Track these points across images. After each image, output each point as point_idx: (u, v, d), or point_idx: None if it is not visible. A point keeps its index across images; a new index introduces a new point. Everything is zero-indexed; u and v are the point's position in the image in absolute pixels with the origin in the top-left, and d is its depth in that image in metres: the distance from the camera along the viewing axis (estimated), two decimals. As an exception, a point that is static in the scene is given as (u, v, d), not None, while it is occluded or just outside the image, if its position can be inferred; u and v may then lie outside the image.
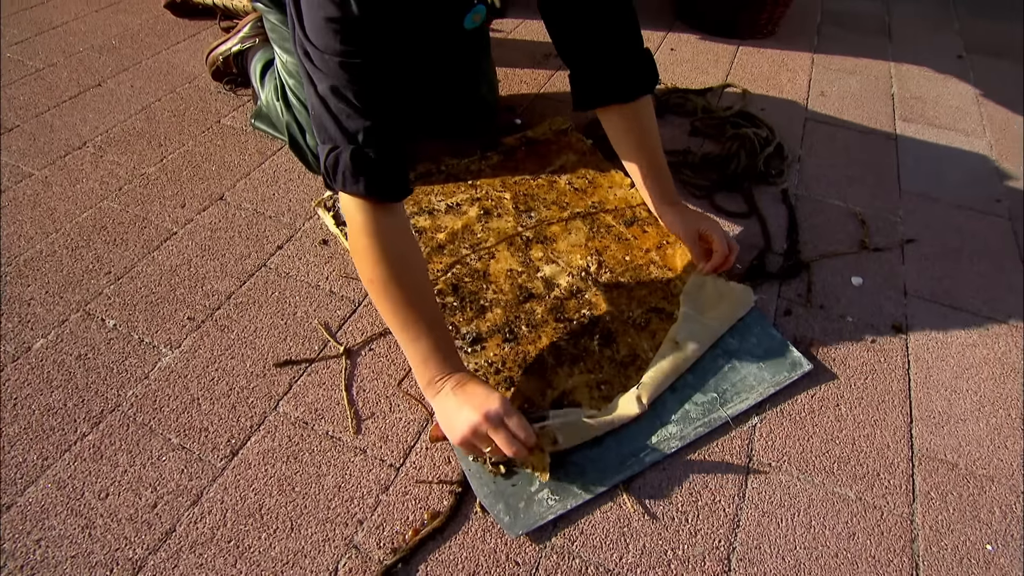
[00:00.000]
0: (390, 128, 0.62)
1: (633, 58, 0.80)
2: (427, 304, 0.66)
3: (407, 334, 0.65)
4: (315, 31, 0.60)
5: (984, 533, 0.62)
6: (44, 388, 0.74)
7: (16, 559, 0.59)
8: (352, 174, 0.61)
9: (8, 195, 1.02)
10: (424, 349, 0.64)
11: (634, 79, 0.80)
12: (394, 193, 0.64)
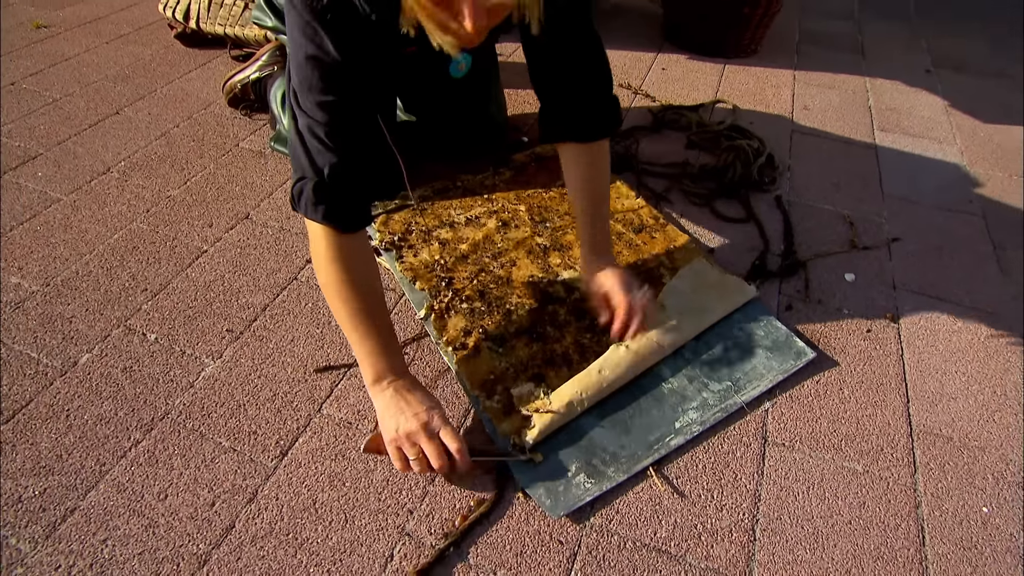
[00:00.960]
0: (356, 165, 0.69)
1: (595, 103, 0.81)
2: (375, 309, 0.73)
3: (356, 333, 0.71)
4: (296, 68, 0.67)
5: (980, 497, 0.69)
6: (94, 399, 0.78)
7: (84, 558, 0.63)
8: (313, 204, 0.68)
9: (39, 219, 1.06)
10: (370, 348, 0.71)
11: (592, 122, 0.81)
12: (350, 224, 0.70)
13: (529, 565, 0.62)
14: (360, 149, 0.69)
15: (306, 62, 0.65)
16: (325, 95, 0.66)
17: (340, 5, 0.63)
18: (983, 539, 0.65)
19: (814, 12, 1.99)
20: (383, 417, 0.69)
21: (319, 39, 0.64)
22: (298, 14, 0.65)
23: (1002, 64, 1.73)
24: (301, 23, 0.65)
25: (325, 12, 0.63)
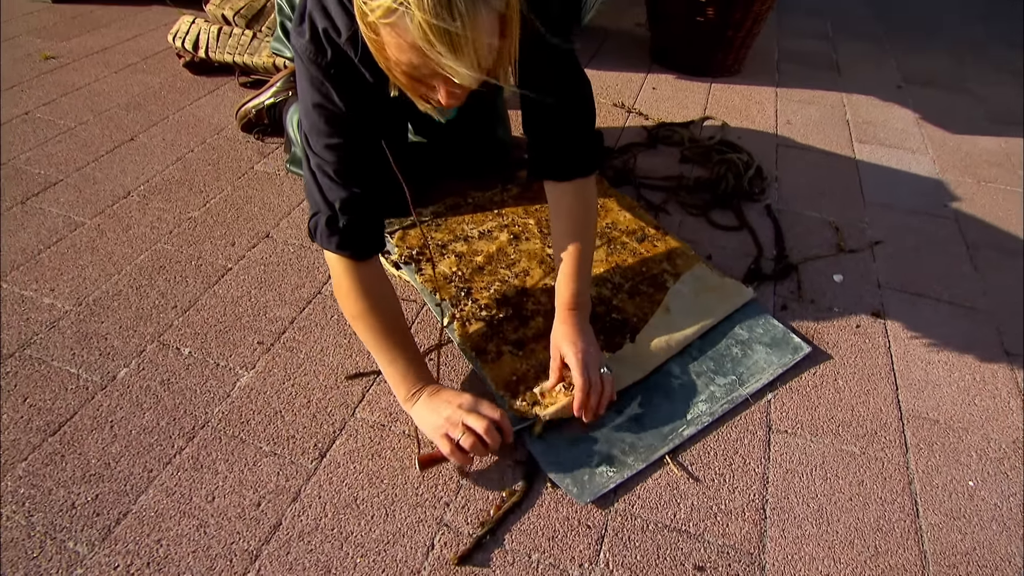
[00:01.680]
0: (365, 199, 0.75)
1: (577, 145, 0.84)
2: (399, 333, 0.79)
3: (384, 357, 0.78)
4: (307, 114, 0.74)
5: (966, 472, 0.76)
6: (136, 410, 0.82)
7: (141, 557, 0.67)
8: (327, 236, 0.75)
9: (66, 242, 1.11)
10: (399, 369, 0.77)
11: (573, 163, 0.84)
12: (363, 252, 0.77)
13: (561, 548, 0.68)
14: (367, 183, 0.76)
15: (313, 109, 0.73)
16: (331, 138, 0.73)
17: (342, 63, 0.70)
18: (971, 509, 0.72)
19: (791, 33, 2.12)
20: (423, 421, 0.75)
21: (325, 90, 0.71)
22: (305, 67, 0.72)
23: (966, 80, 1.86)
24: (308, 75, 0.72)
25: (329, 67, 0.70)
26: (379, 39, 0.56)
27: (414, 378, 0.77)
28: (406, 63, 0.56)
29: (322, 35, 0.70)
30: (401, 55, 0.55)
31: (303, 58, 0.72)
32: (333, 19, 0.69)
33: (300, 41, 0.72)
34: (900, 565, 0.67)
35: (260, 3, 1.68)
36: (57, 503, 0.72)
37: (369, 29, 0.56)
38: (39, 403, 0.83)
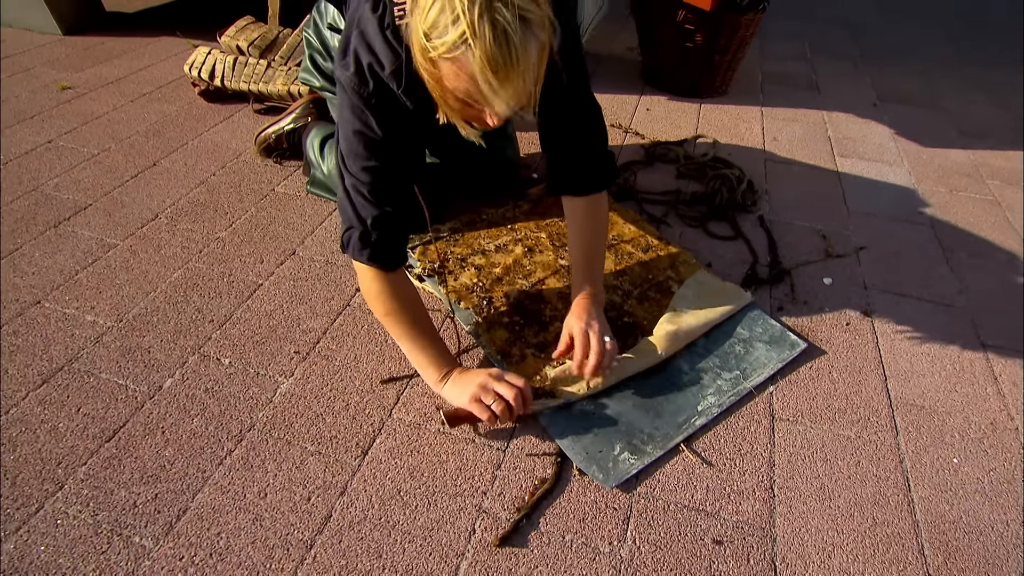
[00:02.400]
0: (394, 217, 0.85)
1: (591, 164, 0.95)
2: (426, 327, 0.89)
3: (414, 347, 0.88)
4: (346, 139, 0.83)
5: (950, 451, 0.85)
6: (184, 417, 0.88)
7: (203, 549, 0.73)
8: (359, 249, 0.84)
9: (101, 263, 1.17)
10: (429, 356, 0.87)
11: (588, 180, 0.95)
12: (390, 264, 0.86)
13: (592, 528, 0.75)
14: (396, 203, 0.86)
15: (353, 135, 0.82)
16: (368, 161, 0.82)
17: (383, 93, 0.79)
18: (956, 483, 0.81)
19: (772, 56, 2.27)
20: (456, 396, 0.84)
21: (365, 117, 0.80)
22: (348, 96, 0.81)
23: (936, 97, 2.01)
24: (350, 103, 0.81)
25: (371, 97, 0.79)
26: (437, 71, 0.65)
27: (442, 363, 0.87)
28: (463, 91, 0.65)
29: (366, 69, 0.79)
30: (459, 84, 0.64)
31: (347, 88, 0.81)
32: (377, 55, 0.78)
33: (345, 74, 0.80)
34: (896, 534, 0.75)
35: (273, 34, 1.78)
36: (120, 502, 0.77)
37: (428, 63, 0.64)
38: (92, 412, 0.89)
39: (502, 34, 0.58)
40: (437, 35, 0.60)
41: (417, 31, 0.62)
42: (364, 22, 0.79)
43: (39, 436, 0.85)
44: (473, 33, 0.58)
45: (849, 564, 0.72)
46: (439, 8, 0.59)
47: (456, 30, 0.58)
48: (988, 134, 1.76)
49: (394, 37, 0.77)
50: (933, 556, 0.73)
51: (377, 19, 0.78)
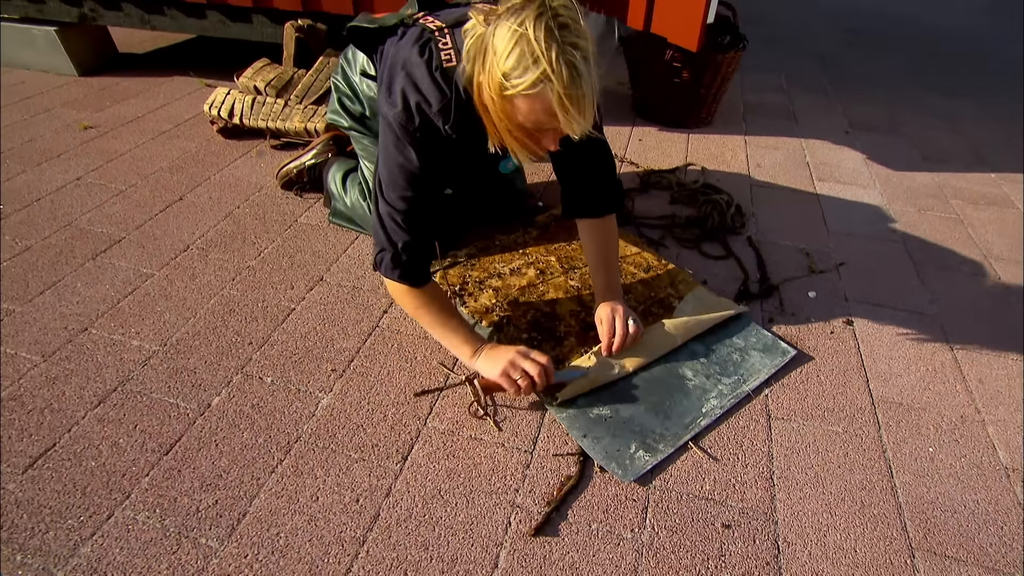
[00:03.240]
0: (422, 242, 0.98)
1: (603, 189, 1.09)
2: (452, 314, 1.04)
3: (446, 331, 1.02)
4: (388, 170, 0.95)
5: (926, 442, 0.96)
6: (234, 431, 0.97)
7: (265, 547, 0.81)
8: (391, 268, 0.98)
9: (140, 292, 1.26)
10: (460, 337, 1.01)
11: (600, 204, 1.09)
12: (417, 282, 1.00)
13: (614, 518, 0.84)
14: (425, 230, 0.98)
15: (396, 167, 0.94)
16: (406, 192, 0.94)
17: (427, 129, 0.92)
18: (932, 469, 0.92)
19: (752, 88, 2.46)
20: (488, 369, 0.97)
21: (407, 152, 0.93)
22: (393, 132, 0.93)
23: (900, 125, 2.19)
24: (394, 139, 0.93)
25: (416, 132, 0.92)
26: (510, 106, 0.77)
27: (473, 341, 1.01)
28: (534, 122, 0.78)
29: (413, 107, 0.91)
30: (533, 116, 0.77)
31: (393, 124, 0.93)
32: (424, 94, 0.90)
33: (393, 111, 0.92)
34: (881, 514, 0.86)
35: (288, 75, 1.91)
36: (183, 508, 0.85)
37: (502, 100, 0.77)
38: (148, 428, 0.97)
39: (575, 72, 0.72)
40: (517, 76, 0.73)
41: (492, 74, 0.75)
42: (411, 65, 0.92)
43: (102, 451, 0.93)
44: (552, 72, 0.71)
45: (842, 541, 0.82)
46: (518, 53, 0.72)
47: (536, 71, 0.71)
48: (949, 159, 1.93)
49: (442, 78, 0.90)
50: (915, 532, 0.84)
51: (425, 63, 0.91)
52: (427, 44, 0.93)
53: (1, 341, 1.12)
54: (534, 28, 0.71)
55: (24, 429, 0.96)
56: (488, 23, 0.76)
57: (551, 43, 0.70)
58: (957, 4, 4.07)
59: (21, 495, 0.87)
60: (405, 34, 1.00)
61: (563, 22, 0.72)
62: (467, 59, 0.80)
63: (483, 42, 0.76)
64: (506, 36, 0.73)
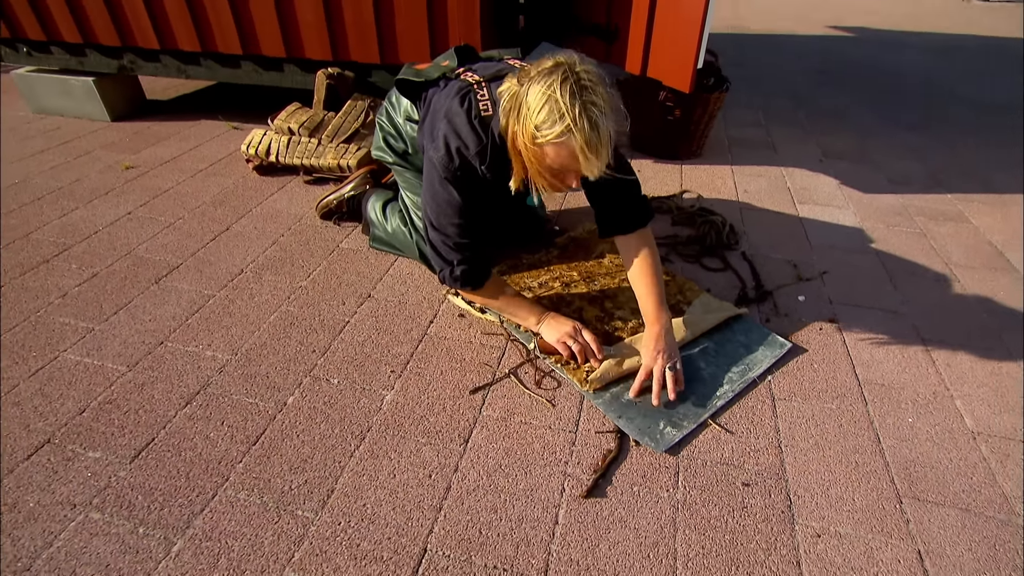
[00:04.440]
0: (474, 254, 1.21)
1: (635, 207, 1.24)
2: (513, 296, 1.30)
3: (511, 307, 1.29)
4: (436, 203, 1.16)
5: (906, 413, 1.15)
6: (312, 424, 1.11)
7: (355, 515, 0.95)
8: (454, 281, 1.24)
9: (205, 310, 1.41)
10: (525, 308, 1.28)
11: (636, 219, 1.24)
12: (477, 285, 1.25)
13: (651, 481, 1.00)
14: (473, 246, 1.20)
15: (442, 201, 1.15)
16: (453, 219, 1.16)
17: (465, 169, 1.13)
18: (912, 435, 1.10)
19: (735, 123, 2.74)
20: (550, 334, 1.21)
21: (449, 189, 1.14)
22: (437, 172, 1.14)
23: (867, 153, 2.48)
24: (438, 177, 1.14)
25: (456, 171, 1.13)
26: (541, 151, 0.97)
27: (538, 311, 1.27)
28: (560, 164, 0.98)
29: (454, 151, 1.11)
30: (559, 160, 0.97)
31: (437, 165, 1.13)
32: (464, 140, 1.11)
33: (437, 154, 1.12)
34: (873, 471, 1.03)
35: (319, 118, 2.12)
36: (278, 487, 0.99)
37: (534, 147, 0.97)
38: (235, 424, 1.11)
39: (595, 124, 0.91)
40: (547, 127, 0.93)
41: (526, 125, 0.95)
42: (453, 114, 1.13)
43: (196, 444, 1.07)
44: (575, 125, 0.91)
45: (842, 493, 0.99)
46: (547, 109, 0.92)
47: (562, 124, 0.91)
48: (910, 182, 2.20)
49: (480, 125, 1.10)
50: (901, 484, 1.01)
51: (465, 112, 1.12)
52: (467, 95, 1.14)
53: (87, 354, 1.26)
54: (561, 89, 0.91)
55: (123, 427, 1.10)
56: (521, 83, 0.97)
57: (574, 102, 0.90)
58: (911, 47, 4.52)
59: (133, 480, 1.00)
60: (447, 85, 1.21)
61: (584, 84, 0.92)
62: (503, 113, 1.01)
63: (517, 99, 0.97)
64: (538, 95, 0.93)
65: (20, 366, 1.24)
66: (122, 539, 0.91)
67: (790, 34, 5.11)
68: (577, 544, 0.91)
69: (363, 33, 2.04)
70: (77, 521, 0.93)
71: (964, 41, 4.94)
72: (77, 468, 1.02)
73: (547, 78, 0.93)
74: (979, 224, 1.90)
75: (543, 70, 0.95)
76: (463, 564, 0.88)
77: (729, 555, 0.90)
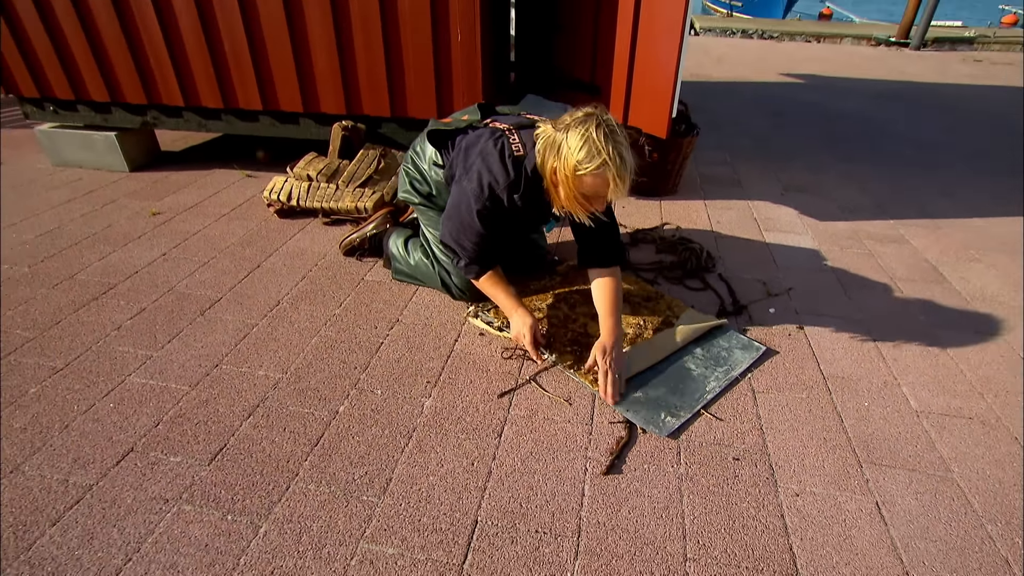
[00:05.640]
0: (482, 255, 1.49)
1: (612, 247, 1.49)
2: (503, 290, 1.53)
3: (500, 296, 1.54)
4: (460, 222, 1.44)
5: (862, 400, 1.39)
6: (363, 428, 1.30)
7: (413, 498, 1.13)
8: (465, 272, 1.54)
9: (251, 337, 1.59)
10: (506, 304, 1.54)
11: (610, 257, 1.49)
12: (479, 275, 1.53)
13: (659, 459, 1.21)
14: (482, 251, 1.46)
15: (468, 224, 1.42)
16: (471, 238, 1.43)
17: (494, 201, 1.39)
18: (868, 415, 1.34)
19: (704, 162, 3.09)
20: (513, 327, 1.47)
21: (475, 216, 1.40)
22: (468, 200, 1.40)
23: (821, 186, 2.83)
24: (467, 205, 1.41)
25: (486, 202, 1.39)
26: (579, 181, 1.23)
27: (513, 307, 1.51)
28: (592, 192, 1.24)
29: (486, 185, 1.36)
30: (595, 188, 1.23)
31: (469, 194, 1.40)
32: (495, 176, 1.36)
33: (470, 186, 1.39)
34: (838, 444, 1.26)
35: (335, 165, 2.36)
36: (342, 479, 1.17)
37: (575, 178, 1.23)
38: (295, 430, 1.28)
39: (623, 158, 1.20)
40: (587, 162, 1.20)
41: (567, 161, 1.22)
42: (487, 154, 1.40)
43: (264, 447, 1.24)
44: (609, 160, 1.18)
45: (814, 461, 1.22)
46: (587, 148, 1.19)
47: (599, 158, 1.18)
48: (858, 210, 2.54)
49: (512, 163, 1.36)
50: (860, 453, 1.24)
51: (498, 152, 1.38)
52: (500, 139, 1.40)
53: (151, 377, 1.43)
54: (596, 132, 1.19)
55: (196, 436, 1.26)
56: (558, 129, 1.25)
57: (608, 142, 1.18)
58: (853, 94, 5.06)
59: (213, 478, 1.16)
60: (476, 132, 1.48)
61: (612, 128, 1.21)
62: (541, 152, 1.28)
63: (556, 141, 1.24)
64: (578, 137, 1.20)
65: (92, 388, 1.39)
66: (214, 525, 1.07)
67: (747, 81, 5.65)
68: (602, 510, 1.11)
69: (375, 90, 2.32)
70: (172, 512, 1.09)
71: (897, 86, 5.54)
72: (162, 470, 1.18)
73: (583, 124, 1.22)
74: (917, 245, 2.22)
75: (578, 118, 1.23)
76: (510, 530, 1.07)
77: (726, 513, 1.11)
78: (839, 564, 1.02)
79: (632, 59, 2.15)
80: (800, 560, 1.02)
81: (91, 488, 1.14)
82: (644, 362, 1.46)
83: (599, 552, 1.03)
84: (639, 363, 1.45)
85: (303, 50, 2.29)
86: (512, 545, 1.04)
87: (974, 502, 1.14)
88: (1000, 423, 1.34)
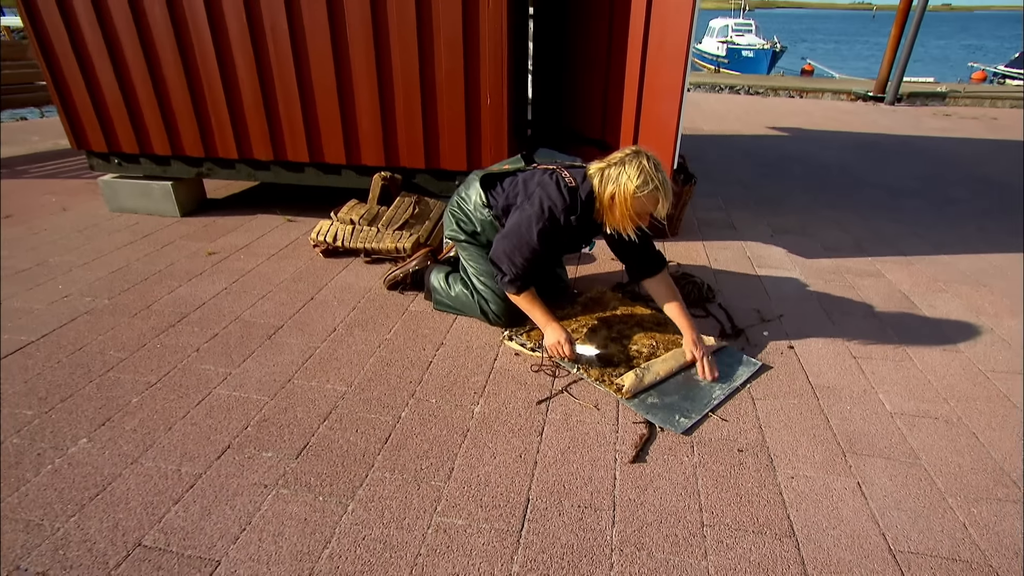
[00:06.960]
0: (526, 275, 1.77)
1: (653, 256, 1.90)
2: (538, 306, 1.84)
3: (534, 314, 1.84)
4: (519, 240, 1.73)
5: (845, 403, 1.65)
6: (424, 429, 1.54)
7: (473, 481, 1.37)
8: (508, 288, 1.80)
9: (315, 357, 1.85)
10: (540, 318, 1.84)
11: (654, 266, 1.90)
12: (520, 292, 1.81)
13: (676, 451, 1.46)
14: (528, 271, 1.75)
15: (525, 242, 1.72)
16: (529, 256, 1.73)
17: (553, 222, 1.71)
18: (850, 416, 1.60)
19: (701, 208, 3.44)
20: (548, 338, 1.74)
21: (534, 235, 1.70)
22: (532, 223, 1.71)
23: (806, 228, 3.17)
24: (531, 227, 1.72)
25: (546, 222, 1.71)
26: (637, 203, 1.58)
27: (547, 319, 1.77)
28: (643, 209, 1.59)
29: (546, 208, 1.69)
30: (647, 207, 1.58)
31: (533, 217, 1.72)
32: (554, 201, 1.70)
33: (532, 208, 1.73)
34: (825, 438, 1.51)
35: (375, 211, 2.68)
36: (412, 468, 1.40)
37: (633, 199, 1.58)
38: (366, 431, 1.52)
39: (668, 184, 1.56)
40: (643, 186, 1.56)
41: (627, 187, 1.58)
42: (546, 184, 1.75)
43: (341, 445, 1.48)
44: (660, 185, 1.56)
45: (806, 452, 1.47)
46: (643, 177, 1.56)
47: (653, 184, 1.56)
48: (840, 248, 2.86)
49: (568, 191, 1.69)
50: (844, 445, 1.50)
51: (555, 183, 1.74)
52: (554, 174, 1.75)
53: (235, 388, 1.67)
54: (648, 164, 1.58)
55: (282, 436, 1.50)
56: (610, 165, 1.64)
57: (657, 172, 1.57)
58: (833, 145, 5.53)
59: (302, 469, 1.39)
60: (526, 173, 1.85)
61: (656, 162, 1.60)
62: (600, 182, 1.65)
63: (610, 174, 1.62)
64: (635, 168, 1.58)
65: (184, 399, 1.63)
66: (310, 504, 1.30)
67: (737, 134, 6.14)
68: (632, 490, 1.35)
69: (412, 145, 2.67)
70: (272, 494, 1.32)
71: (873, 138, 6.04)
72: (258, 463, 1.41)
73: (637, 158, 1.61)
74: (891, 278, 2.53)
75: (629, 154, 1.63)
76: (557, 505, 1.30)
77: (734, 492, 1.35)
78: (827, 528, 1.25)
79: (638, 119, 2.52)
80: (796, 525, 1.26)
81: (200, 476, 1.37)
82: (659, 374, 1.72)
83: (632, 520, 1.26)
84: (655, 375, 1.71)
85: (349, 111, 2.65)
86: (559, 516, 1.28)
87: (938, 482, 1.39)
88: (960, 422, 1.60)
